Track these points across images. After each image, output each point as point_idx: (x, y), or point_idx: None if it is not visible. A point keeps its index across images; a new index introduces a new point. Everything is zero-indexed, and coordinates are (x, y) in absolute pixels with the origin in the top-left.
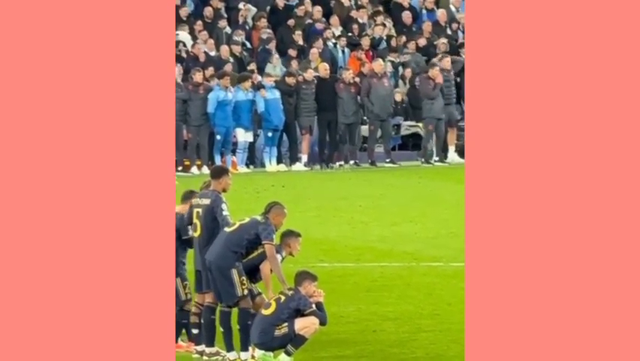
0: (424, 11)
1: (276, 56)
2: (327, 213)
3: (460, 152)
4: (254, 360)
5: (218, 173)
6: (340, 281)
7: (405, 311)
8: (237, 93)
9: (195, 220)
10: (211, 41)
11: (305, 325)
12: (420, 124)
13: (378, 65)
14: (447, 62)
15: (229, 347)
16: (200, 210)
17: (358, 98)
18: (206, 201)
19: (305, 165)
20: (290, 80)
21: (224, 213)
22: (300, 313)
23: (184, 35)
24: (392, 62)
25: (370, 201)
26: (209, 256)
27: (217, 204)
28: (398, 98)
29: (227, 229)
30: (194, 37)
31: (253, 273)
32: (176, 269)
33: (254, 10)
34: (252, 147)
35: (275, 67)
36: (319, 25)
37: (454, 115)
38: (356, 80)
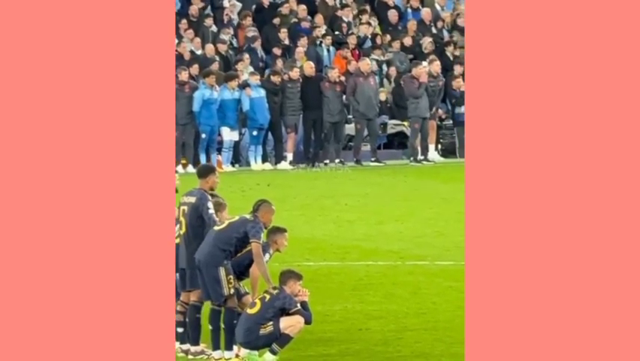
0: (410, 10)
1: (246, 56)
2: (312, 212)
3: (444, 150)
4: (238, 359)
5: (205, 172)
6: (326, 280)
7: (390, 310)
8: (223, 92)
9: (180, 218)
10: (197, 40)
11: (290, 324)
12: (405, 123)
13: (365, 64)
14: (437, 66)
15: (215, 346)
16: (185, 207)
17: (344, 97)
18: (192, 200)
19: (290, 164)
20: (275, 79)
21: (210, 211)
22: (285, 312)
23: None
24: (376, 60)
25: (356, 200)
26: (199, 255)
27: (203, 202)
28: (382, 97)
29: (216, 228)
30: (180, 36)
31: (240, 271)
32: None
33: (239, 5)
34: (236, 145)
35: (246, 66)
36: (305, 24)
37: (433, 114)
38: (341, 79)
